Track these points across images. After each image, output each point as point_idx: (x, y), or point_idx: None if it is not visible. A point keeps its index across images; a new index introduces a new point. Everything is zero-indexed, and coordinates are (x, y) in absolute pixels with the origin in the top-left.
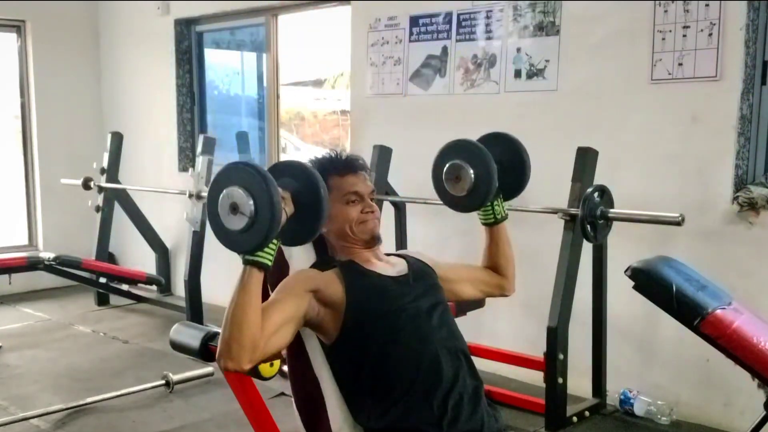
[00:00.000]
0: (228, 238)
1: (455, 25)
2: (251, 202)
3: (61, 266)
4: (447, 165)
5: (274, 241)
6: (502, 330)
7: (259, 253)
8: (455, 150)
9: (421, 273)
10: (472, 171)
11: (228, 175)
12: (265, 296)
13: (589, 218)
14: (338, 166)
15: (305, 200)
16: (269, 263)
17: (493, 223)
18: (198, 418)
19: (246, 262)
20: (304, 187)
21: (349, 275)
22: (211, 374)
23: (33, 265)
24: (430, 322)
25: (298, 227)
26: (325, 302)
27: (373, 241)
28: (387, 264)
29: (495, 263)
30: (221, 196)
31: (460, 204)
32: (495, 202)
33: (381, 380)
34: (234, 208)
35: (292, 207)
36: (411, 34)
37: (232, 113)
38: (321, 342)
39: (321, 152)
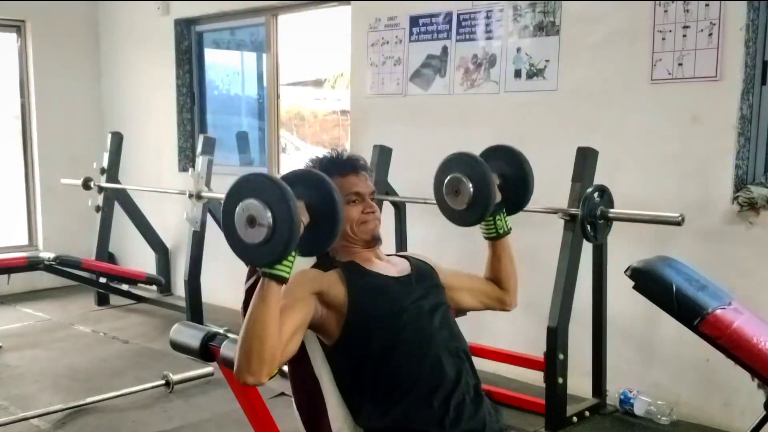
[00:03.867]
0: (247, 252)
1: (455, 25)
2: (269, 213)
3: (61, 266)
4: (446, 178)
5: (293, 254)
6: (502, 330)
7: (278, 266)
8: (455, 163)
9: (423, 273)
10: (470, 185)
11: (243, 187)
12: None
13: (589, 218)
14: (339, 166)
15: (320, 209)
16: (287, 275)
17: (495, 238)
18: (198, 418)
19: (265, 275)
20: (318, 195)
21: (350, 276)
22: (211, 374)
23: (33, 265)
24: (431, 322)
25: (314, 237)
26: (328, 304)
27: (374, 241)
28: (388, 264)
29: (497, 277)
30: (237, 209)
31: (460, 218)
32: (497, 216)
33: (382, 381)
34: (251, 221)
35: (308, 216)
36: (411, 34)
37: (232, 113)
38: (321, 343)
39: (322, 152)
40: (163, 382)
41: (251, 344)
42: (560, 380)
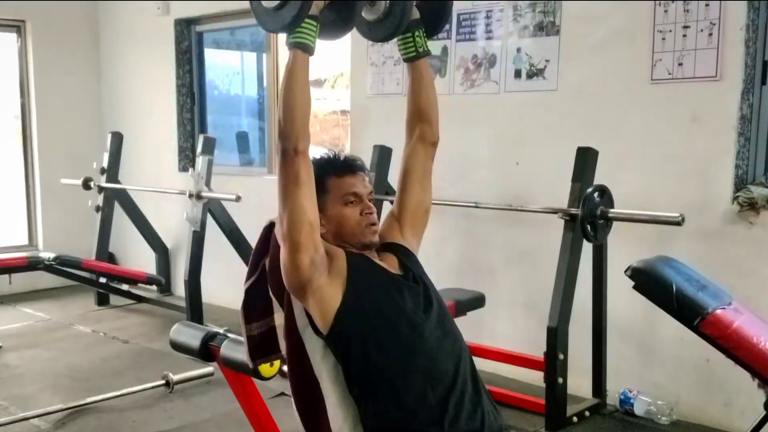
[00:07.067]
0: (266, 18)
1: (455, 25)
2: None
3: (61, 266)
4: None
5: (314, 23)
6: (502, 330)
7: (300, 33)
8: None
9: (416, 272)
10: None
11: None
12: (267, 304)
13: (589, 218)
14: (336, 166)
15: None
16: (311, 43)
17: (414, 57)
18: (198, 418)
19: (290, 45)
20: None
21: (353, 258)
22: (211, 374)
23: (33, 265)
24: (427, 320)
25: (335, 16)
26: (329, 267)
27: (372, 244)
28: (383, 263)
29: (417, 105)
30: None
31: (376, 30)
32: (416, 33)
33: (376, 374)
34: None
35: None
36: None
37: (232, 113)
38: (317, 332)
39: (320, 152)
40: (163, 382)
41: (285, 111)
42: (560, 380)
